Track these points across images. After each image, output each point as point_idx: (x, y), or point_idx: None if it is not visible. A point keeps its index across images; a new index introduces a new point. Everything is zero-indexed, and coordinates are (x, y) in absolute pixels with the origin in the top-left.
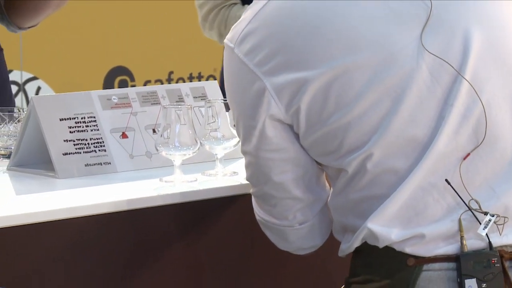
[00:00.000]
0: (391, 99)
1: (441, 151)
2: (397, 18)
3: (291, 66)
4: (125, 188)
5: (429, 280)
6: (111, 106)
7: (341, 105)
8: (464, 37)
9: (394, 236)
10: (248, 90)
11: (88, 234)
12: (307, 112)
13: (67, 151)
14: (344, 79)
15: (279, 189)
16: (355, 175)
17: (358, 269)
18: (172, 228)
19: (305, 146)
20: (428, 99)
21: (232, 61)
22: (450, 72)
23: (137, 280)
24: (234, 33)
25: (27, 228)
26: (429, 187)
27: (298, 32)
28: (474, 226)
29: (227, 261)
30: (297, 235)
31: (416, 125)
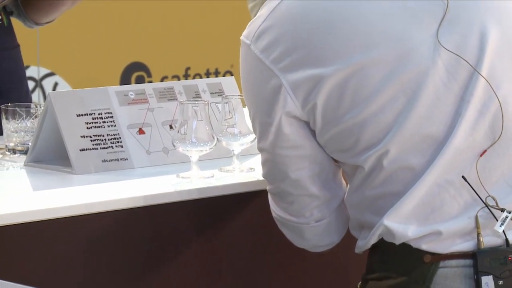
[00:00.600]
0: (407, 95)
1: (458, 148)
2: (413, 15)
3: (307, 62)
4: (142, 184)
5: (446, 277)
6: (128, 102)
7: (357, 101)
8: (480, 33)
9: (410, 233)
10: (265, 86)
11: (105, 230)
12: (323, 109)
13: (84, 147)
14: (360, 75)
15: (296, 186)
16: (371, 172)
17: (374, 265)
18: (189, 224)
19: (322, 143)
20: (444, 96)
21: (249, 58)
22: (466, 68)
23: (154, 276)
24: (250, 30)
25: (44, 224)
26: (445, 184)
27: (314, 29)
28: (491, 223)
29: (244, 257)
30: (313, 232)
31: (432, 121)
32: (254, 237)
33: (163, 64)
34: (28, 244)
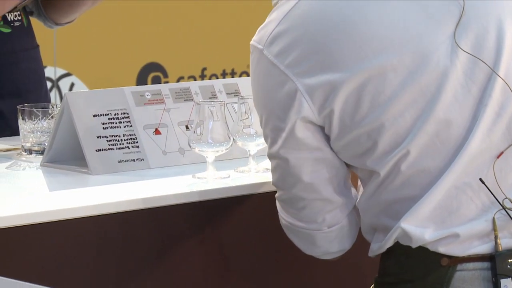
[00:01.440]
0: (426, 99)
1: (475, 150)
2: (429, 17)
3: (324, 67)
4: (158, 185)
5: (463, 280)
6: (144, 103)
7: (375, 106)
8: (497, 34)
9: (428, 236)
10: (279, 91)
11: (121, 231)
12: (341, 114)
13: (100, 147)
14: (378, 80)
15: (309, 189)
16: (388, 177)
17: (389, 269)
18: (206, 224)
19: (336, 148)
20: (463, 98)
21: (261, 62)
22: (484, 70)
23: (172, 275)
24: (262, 35)
25: (60, 224)
26: (463, 186)
27: (330, 33)
28: (509, 224)
29: (259, 257)
30: (325, 238)
31: (451, 124)
32: (269, 237)
33: (180, 64)
34: (44, 244)
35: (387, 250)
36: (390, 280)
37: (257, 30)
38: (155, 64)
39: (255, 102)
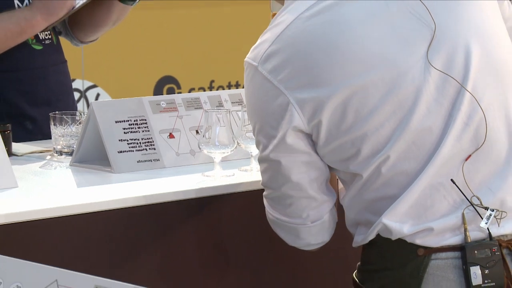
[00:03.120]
0: (403, 111)
1: (447, 155)
2: (405, 39)
3: (314, 83)
4: (172, 182)
5: (437, 268)
6: (160, 110)
7: (359, 118)
8: (465, 52)
9: (406, 230)
10: (272, 103)
11: (140, 222)
12: (328, 124)
13: (122, 149)
14: (361, 94)
15: (296, 188)
16: (370, 178)
17: (372, 258)
18: (213, 216)
19: (322, 153)
20: (435, 110)
21: (256, 77)
22: (454, 85)
23: (183, 258)
24: (256, 53)
25: (87, 216)
26: (437, 186)
27: (318, 54)
28: (476, 219)
29: (259, 244)
30: (308, 232)
31: (425, 133)
32: (267, 228)
33: (191, 77)
34: (72, 233)
35: (369, 242)
36: (372, 268)
37: (251, 49)
38: (170, 77)
39: (249, 112)
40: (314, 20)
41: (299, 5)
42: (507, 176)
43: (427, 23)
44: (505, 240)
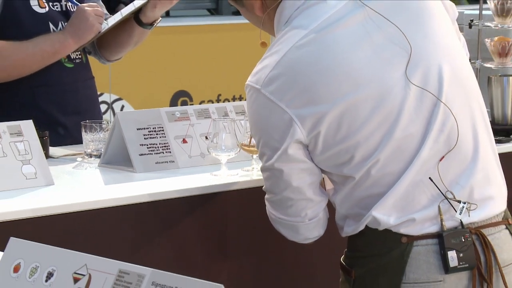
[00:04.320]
0: (389, 121)
1: (425, 156)
2: (387, 61)
3: (312, 101)
4: (185, 180)
5: (419, 253)
6: (174, 119)
7: (352, 129)
8: (437, 70)
9: (392, 221)
10: (276, 120)
11: (159, 214)
12: (325, 136)
13: (142, 152)
14: (353, 109)
15: (296, 192)
16: (361, 179)
17: (360, 246)
18: (220, 209)
19: (318, 160)
20: (416, 119)
21: (259, 98)
22: (430, 97)
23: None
24: (258, 77)
25: (113, 209)
26: (417, 183)
27: (316, 75)
28: (450, 210)
29: (258, 233)
30: (306, 228)
31: (408, 139)
32: (265, 221)
33: (201, 92)
34: (100, 224)
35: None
36: (361, 254)
37: (252, 74)
38: (183, 91)
39: (253, 129)
40: (309, 48)
41: (292, 36)
42: (473, 173)
43: (404, 47)
44: (474, 227)
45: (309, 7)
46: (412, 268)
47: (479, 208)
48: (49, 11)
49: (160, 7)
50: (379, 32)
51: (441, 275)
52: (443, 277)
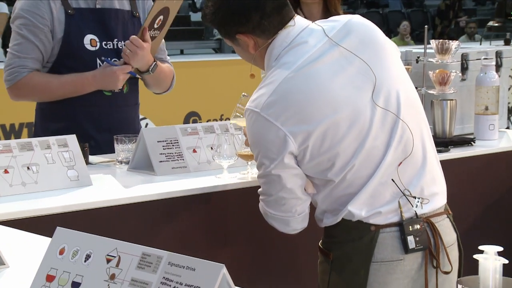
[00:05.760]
0: (362, 136)
1: (388, 162)
2: (358, 88)
3: (302, 121)
4: (195, 182)
5: (384, 238)
6: (187, 134)
7: (333, 143)
8: (396, 94)
9: (364, 214)
10: (273, 136)
11: (175, 209)
12: (312, 148)
13: (161, 159)
14: (334, 127)
15: (289, 192)
16: (339, 182)
17: (336, 233)
18: (222, 205)
19: (305, 168)
20: (381, 134)
21: (259, 120)
22: (391, 116)
23: (200, 238)
24: (257, 103)
25: (139, 205)
26: (383, 183)
27: (304, 102)
28: (407, 204)
29: (254, 225)
30: (295, 222)
31: (375, 150)
32: (258, 215)
33: (208, 112)
34: (129, 216)
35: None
36: (337, 240)
37: (251, 101)
38: (194, 112)
39: (252, 144)
40: (297, 79)
41: (283, 70)
42: (423, 175)
43: (370, 77)
44: (425, 217)
45: (294, 47)
46: (379, 250)
47: (428, 202)
48: (99, 49)
49: (133, 62)
50: (350, 65)
51: (402, 255)
52: (404, 256)
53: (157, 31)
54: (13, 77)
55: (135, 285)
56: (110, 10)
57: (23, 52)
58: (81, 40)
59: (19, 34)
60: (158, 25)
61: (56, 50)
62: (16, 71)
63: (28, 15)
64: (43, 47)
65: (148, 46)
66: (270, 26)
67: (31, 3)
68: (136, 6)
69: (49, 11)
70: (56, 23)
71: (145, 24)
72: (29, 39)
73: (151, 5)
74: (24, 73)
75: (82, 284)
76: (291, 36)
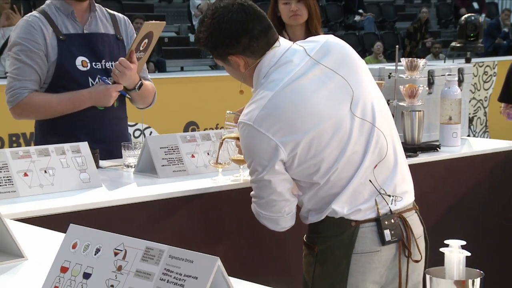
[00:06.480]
0: (343, 143)
1: (366, 165)
2: (338, 101)
3: (291, 132)
4: (193, 183)
5: (364, 232)
6: (186, 141)
7: (318, 150)
8: (371, 106)
9: (345, 211)
10: (265, 146)
11: (175, 208)
12: (300, 155)
13: (163, 164)
14: (319, 136)
15: (279, 195)
16: (323, 184)
17: (320, 229)
18: (217, 204)
19: (292, 173)
20: (359, 140)
21: (251, 131)
22: (368, 125)
23: (196, 234)
24: (249, 116)
25: (143, 204)
26: (362, 184)
27: (291, 115)
28: (383, 202)
29: (245, 222)
30: (284, 221)
31: (355, 154)
32: (250, 212)
33: (205, 122)
34: (135, 214)
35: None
36: (321, 235)
37: (243, 114)
38: (193, 121)
39: (246, 153)
40: (285, 95)
41: (271, 86)
42: (395, 175)
43: (348, 91)
44: (397, 213)
45: (280, 66)
46: (359, 243)
47: (401, 199)
48: (90, 69)
49: (122, 81)
50: (330, 81)
51: (379, 246)
52: (381, 248)
53: (142, 53)
54: (15, 98)
55: (139, 275)
56: (96, 35)
57: (22, 75)
58: (73, 62)
59: (17, 59)
60: (143, 48)
61: (52, 72)
62: (17, 92)
63: (24, 42)
64: (39, 70)
65: (135, 67)
66: (258, 47)
67: (26, 31)
68: (120, 30)
69: (43, 37)
70: (49, 48)
71: (132, 47)
72: (26, 63)
73: (132, 29)
74: (25, 93)
75: (93, 275)
76: (277, 56)
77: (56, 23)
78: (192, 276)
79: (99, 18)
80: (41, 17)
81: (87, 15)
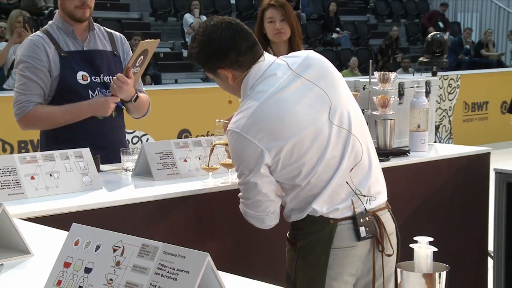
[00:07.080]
0: (322, 148)
1: (344, 168)
2: (317, 110)
3: (275, 138)
4: (186, 186)
5: (341, 230)
6: (179, 147)
7: (300, 155)
8: (347, 114)
9: (325, 210)
10: (251, 152)
11: (169, 208)
12: (283, 160)
13: (159, 168)
14: (300, 142)
15: (264, 196)
16: (304, 186)
17: (301, 226)
18: (208, 204)
19: (276, 176)
20: (337, 146)
21: (239, 138)
22: (345, 132)
23: (188, 231)
24: (237, 125)
25: (139, 205)
26: (340, 185)
27: (275, 123)
28: (358, 201)
29: (235, 220)
30: (269, 219)
31: (333, 158)
32: (238, 212)
33: (197, 129)
34: (133, 214)
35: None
36: (303, 232)
37: (232, 123)
38: (186, 129)
39: (234, 159)
40: (270, 105)
41: (257, 97)
42: (369, 177)
43: (326, 101)
44: (372, 212)
45: (265, 78)
46: (337, 239)
47: (375, 199)
48: (89, 82)
49: (120, 94)
50: (310, 92)
51: (355, 242)
52: (357, 243)
53: (138, 68)
54: (21, 111)
55: (136, 270)
56: (95, 51)
57: (27, 90)
58: (74, 76)
59: (23, 76)
60: (139, 64)
61: (54, 86)
62: (23, 105)
63: (29, 59)
64: (43, 84)
65: (131, 82)
66: (245, 61)
67: (30, 49)
68: (116, 47)
69: (46, 55)
70: (52, 64)
71: (129, 64)
72: (31, 79)
73: (128, 46)
74: (30, 106)
75: (93, 269)
76: (262, 70)
77: (58, 42)
78: (184, 271)
79: (97, 36)
80: (44, 36)
81: (86, 33)
